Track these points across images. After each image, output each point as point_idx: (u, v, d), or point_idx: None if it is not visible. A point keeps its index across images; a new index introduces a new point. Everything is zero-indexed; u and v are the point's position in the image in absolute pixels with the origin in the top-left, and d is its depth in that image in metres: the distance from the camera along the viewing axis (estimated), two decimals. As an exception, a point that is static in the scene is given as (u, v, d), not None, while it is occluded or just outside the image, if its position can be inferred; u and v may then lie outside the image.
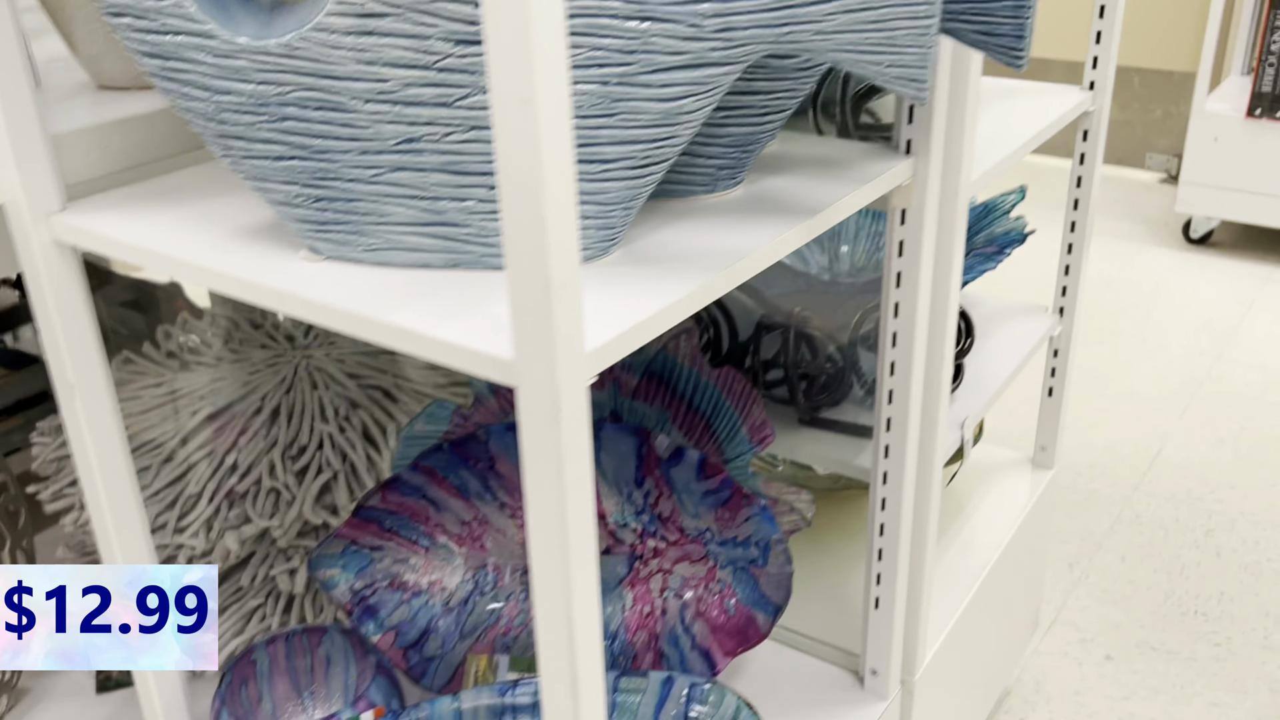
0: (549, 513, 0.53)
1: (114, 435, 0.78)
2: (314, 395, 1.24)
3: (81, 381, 0.75)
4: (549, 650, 0.56)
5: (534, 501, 0.53)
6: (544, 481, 0.52)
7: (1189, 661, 1.54)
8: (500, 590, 1.01)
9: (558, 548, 0.53)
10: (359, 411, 1.23)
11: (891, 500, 0.92)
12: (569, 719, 0.57)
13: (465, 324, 0.55)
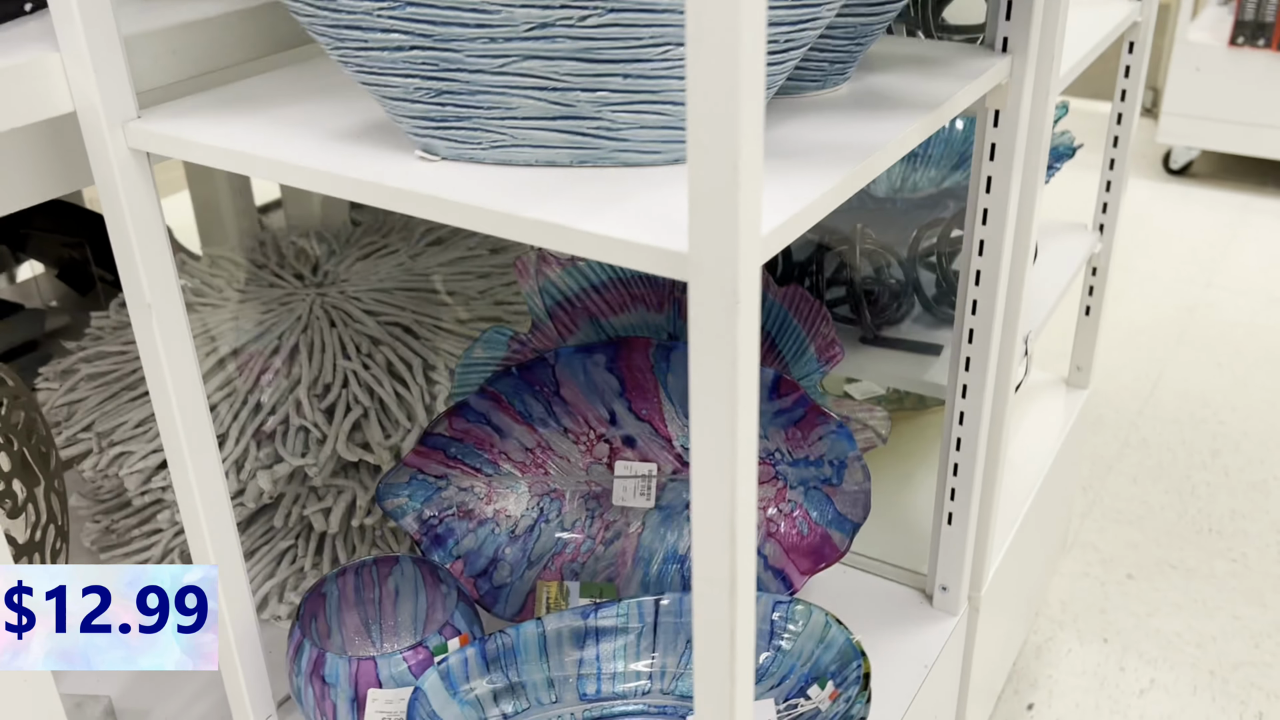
0: (721, 411, 0.50)
1: (190, 357, 0.74)
2: (333, 333, 1.20)
3: (159, 301, 0.71)
4: (709, 555, 0.54)
5: (703, 399, 0.51)
6: (717, 377, 0.50)
7: (1208, 578, 1.56)
8: (565, 517, 0.99)
9: (727, 447, 0.51)
10: (381, 348, 1.19)
11: (970, 414, 0.91)
12: (725, 630, 0.56)
13: (618, 218, 0.53)
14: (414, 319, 1.25)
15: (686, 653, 0.88)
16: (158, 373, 0.73)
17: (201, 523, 0.78)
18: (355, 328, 1.21)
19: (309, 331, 1.21)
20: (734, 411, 0.51)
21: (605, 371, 0.95)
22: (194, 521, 0.78)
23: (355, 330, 1.21)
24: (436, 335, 1.24)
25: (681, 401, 0.96)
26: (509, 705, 0.84)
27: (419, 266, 1.35)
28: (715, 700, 0.58)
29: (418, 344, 1.22)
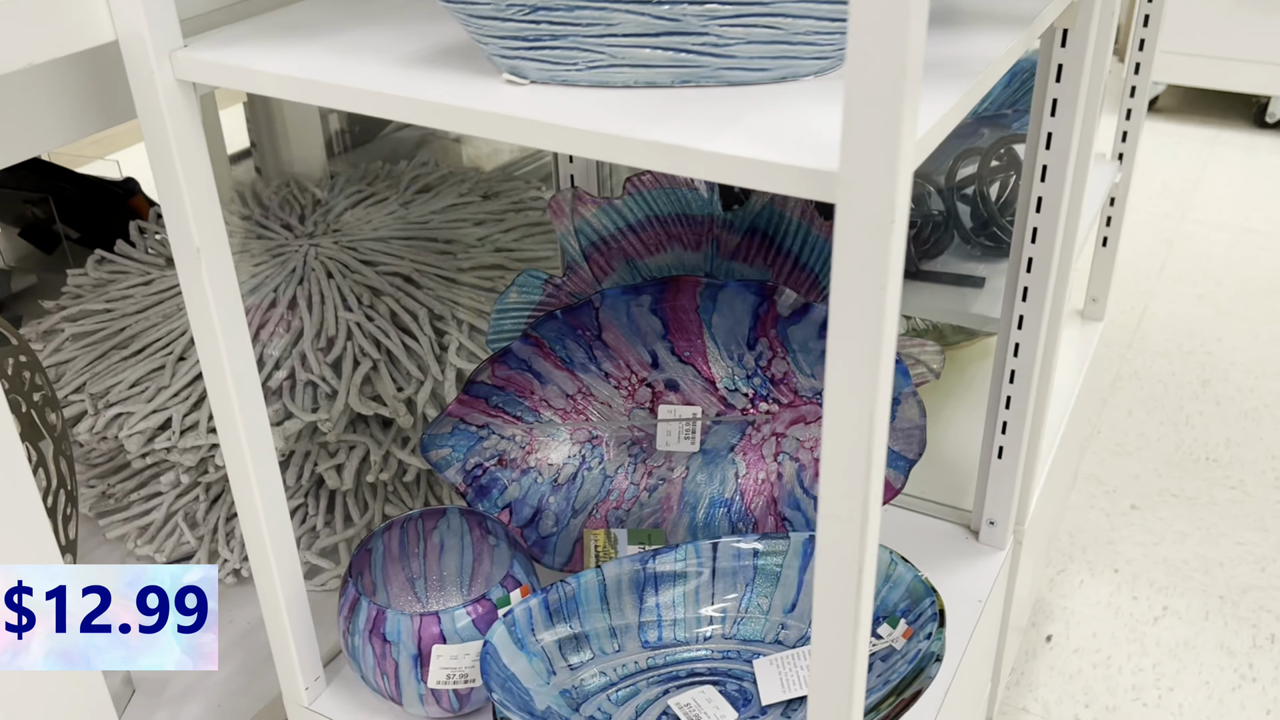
0: (865, 340, 0.48)
1: (238, 306, 0.70)
2: (331, 285, 1.16)
3: (208, 245, 0.67)
4: (839, 490, 0.52)
5: (846, 328, 0.48)
6: (864, 305, 0.48)
7: (1209, 505, 1.58)
8: (607, 464, 0.96)
9: (868, 378, 0.49)
10: (383, 299, 1.15)
11: (1026, 346, 0.89)
12: (853, 570, 0.54)
13: (742, 138, 0.49)
14: (414, 268, 1.21)
15: (748, 595, 0.86)
16: (206, 323, 0.69)
17: (251, 477, 0.75)
18: (354, 278, 1.17)
19: (305, 284, 1.16)
20: (879, 340, 0.48)
21: (649, 313, 0.92)
22: (243, 476, 0.75)
23: (354, 281, 1.17)
24: (439, 284, 1.20)
25: (726, 342, 0.94)
26: (574, 656, 0.81)
27: (412, 215, 1.31)
28: (837, 641, 0.56)
29: (421, 294, 1.18)
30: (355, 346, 1.10)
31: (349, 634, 0.80)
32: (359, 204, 1.32)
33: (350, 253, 1.20)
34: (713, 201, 0.93)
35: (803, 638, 0.85)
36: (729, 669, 0.84)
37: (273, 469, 0.77)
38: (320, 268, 1.18)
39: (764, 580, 0.87)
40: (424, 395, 1.09)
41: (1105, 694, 1.29)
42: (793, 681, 0.80)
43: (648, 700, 0.81)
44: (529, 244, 1.32)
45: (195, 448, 1.11)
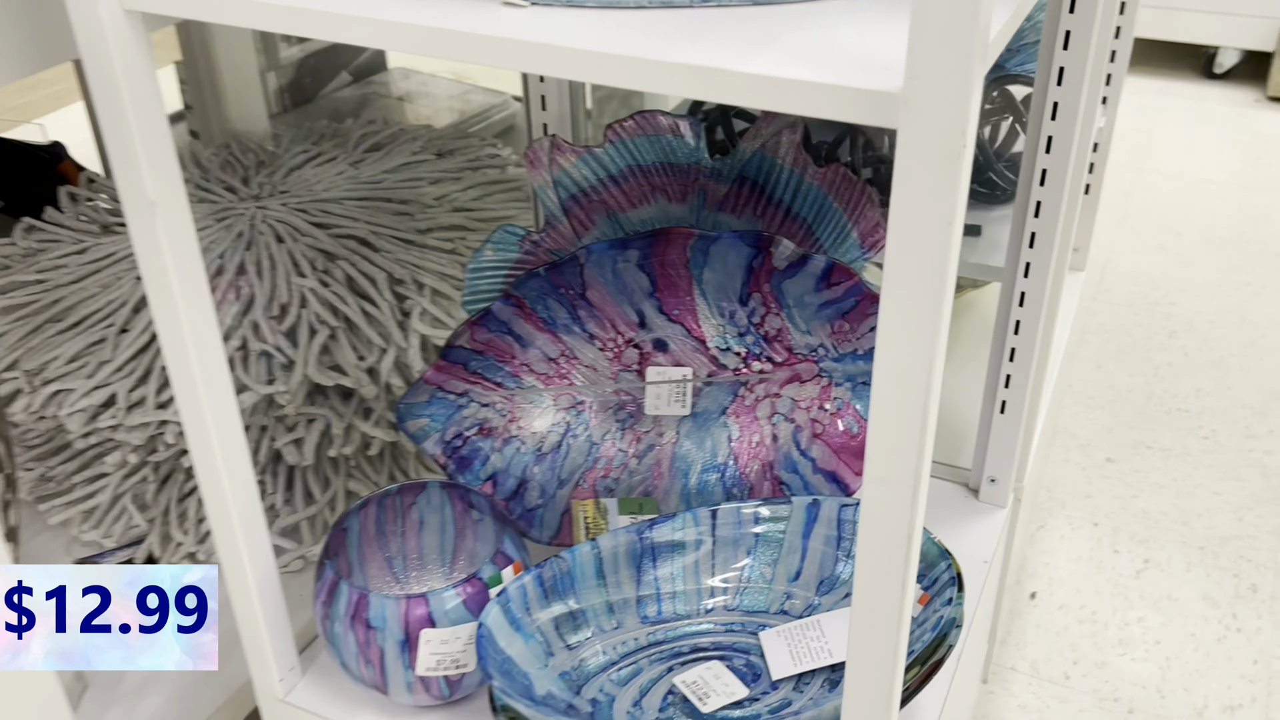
0: (928, 276, 0.43)
1: (198, 264, 0.64)
2: (281, 249, 1.09)
3: (164, 196, 0.60)
4: (890, 448, 0.47)
5: (906, 266, 0.43)
6: (927, 241, 0.43)
7: (1184, 456, 1.57)
8: (593, 431, 0.91)
9: (929, 323, 0.44)
10: (339, 263, 1.09)
11: (1032, 295, 0.85)
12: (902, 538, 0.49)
13: (781, 59, 0.44)
14: (369, 230, 1.14)
15: (749, 565, 0.82)
16: (162, 283, 0.62)
17: (216, 454, 0.68)
18: (306, 242, 1.10)
19: (254, 249, 1.09)
20: (943, 283, 0.43)
21: (636, 269, 0.86)
22: (207, 453, 0.68)
23: (307, 245, 1.10)
24: (397, 247, 1.13)
25: (717, 299, 0.89)
26: (572, 635, 0.77)
27: (364, 175, 1.24)
28: (881, 614, 0.52)
29: (378, 257, 1.11)
30: (311, 314, 1.04)
31: (328, 620, 0.74)
32: (306, 164, 1.25)
33: (300, 215, 1.13)
34: (699, 149, 0.88)
35: (809, 607, 0.80)
36: (734, 643, 0.79)
37: (239, 444, 0.71)
38: (269, 231, 1.11)
39: (766, 548, 0.82)
40: (387, 364, 1.03)
41: (1093, 650, 1.27)
42: (803, 654, 0.76)
43: (651, 679, 0.76)
44: (490, 202, 1.26)
45: (143, 425, 1.04)
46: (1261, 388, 1.71)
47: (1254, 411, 1.66)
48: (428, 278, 1.09)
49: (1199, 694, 1.22)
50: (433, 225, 1.18)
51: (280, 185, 1.19)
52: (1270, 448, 1.58)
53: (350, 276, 1.07)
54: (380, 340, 1.03)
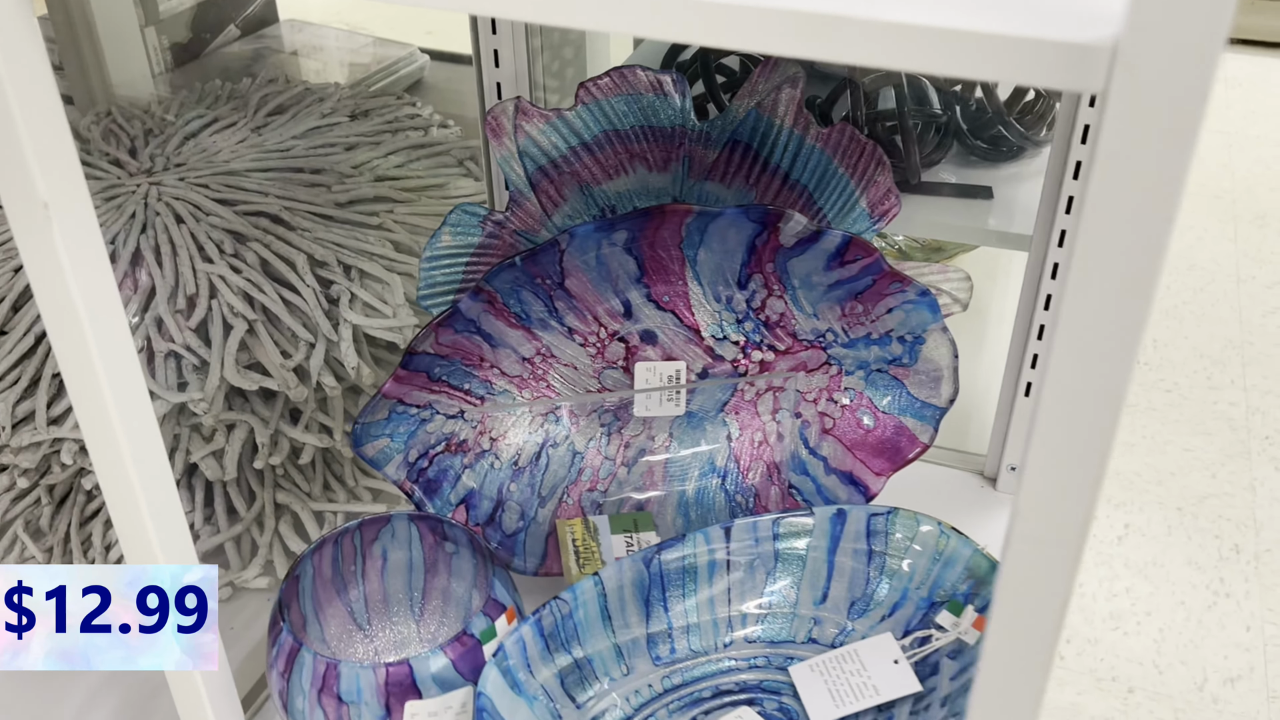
0: (1133, 272, 0.33)
1: (106, 272, 0.50)
2: (183, 231, 0.95)
3: (59, 197, 0.46)
4: (1051, 489, 0.37)
5: (1102, 255, 0.33)
6: (1136, 230, 0.32)
7: (1149, 412, 1.52)
8: (575, 438, 0.79)
9: (1128, 327, 0.34)
10: (250, 245, 0.95)
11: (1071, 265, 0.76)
12: (1055, 603, 0.39)
13: (937, 3, 0.33)
14: (281, 206, 1.00)
15: (769, 588, 0.72)
16: (61, 300, 0.49)
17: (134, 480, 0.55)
18: (211, 222, 0.96)
19: (150, 232, 0.95)
20: (1149, 281, 0.33)
21: (623, 253, 0.75)
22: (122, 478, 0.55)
23: (212, 225, 0.96)
24: (314, 223, 1.00)
25: (713, 282, 0.77)
26: (579, 691, 0.65)
27: (270, 142, 1.09)
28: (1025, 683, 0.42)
29: (295, 236, 0.97)
30: (223, 305, 0.90)
31: (287, 693, 0.62)
32: (202, 132, 1.09)
33: (201, 191, 0.99)
34: (685, 110, 0.76)
35: (841, 632, 0.71)
36: (760, 681, 0.69)
37: (166, 479, 0.57)
38: (167, 211, 0.96)
39: (788, 568, 0.72)
40: (317, 361, 0.90)
41: (1084, 626, 1.21)
42: (844, 692, 0.66)
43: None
44: (416, 170, 1.12)
45: (34, 445, 0.89)
46: (1216, 335, 1.67)
47: (1213, 361, 1.62)
48: (354, 258, 0.96)
49: (1197, 667, 1.17)
50: (353, 197, 1.05)
51: (175, 157, 1.04)
52: (1233, 399, 1.54)
53: (265, 260, 0.94)
54: (306, 333, 0.90)
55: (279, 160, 1.07)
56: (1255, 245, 1.88)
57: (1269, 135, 2.17)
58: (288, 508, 0.95)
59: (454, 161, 1.18)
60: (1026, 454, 0.37)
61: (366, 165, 1.10)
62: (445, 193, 1.13)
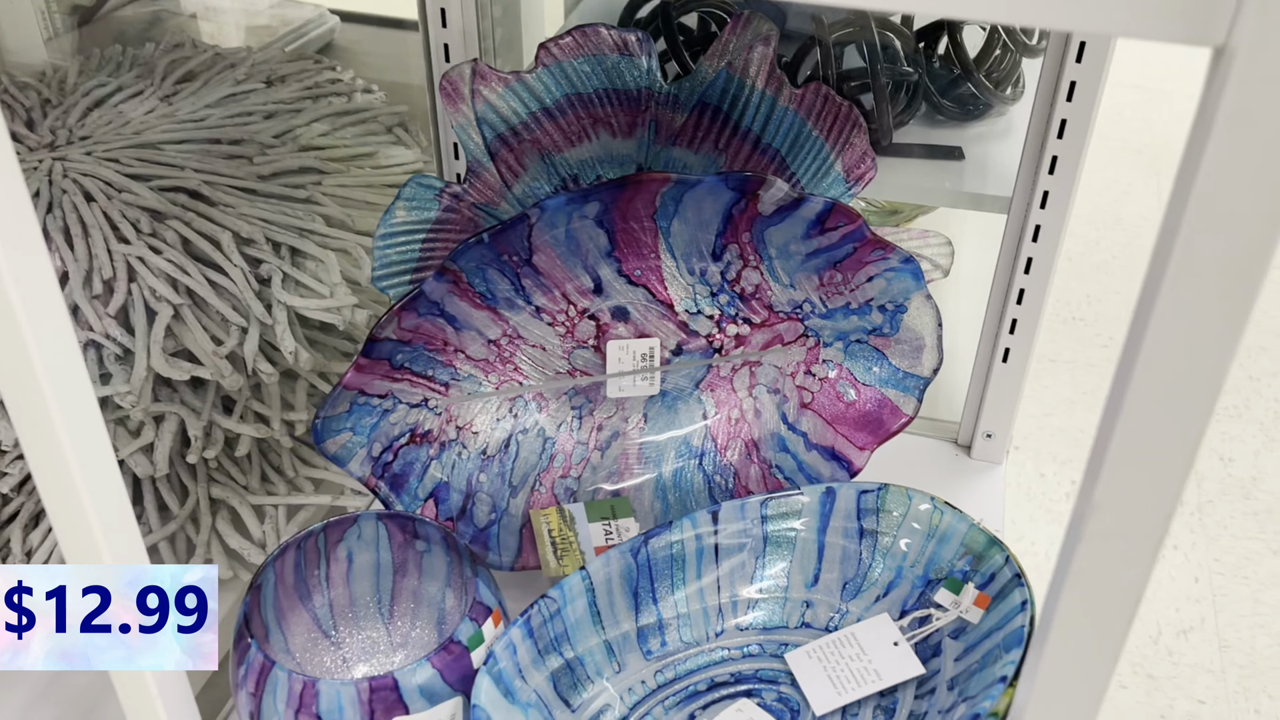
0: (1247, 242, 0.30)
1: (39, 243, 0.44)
2: (94, 209, 0.88)
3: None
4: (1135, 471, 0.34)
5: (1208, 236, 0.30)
6: (1257, 202, 0.29)
7: (1088, 368, 1.54)
8: (545, 422, 0.75)
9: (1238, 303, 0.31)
10: (169, 223, 0.89)
11: (1049, 229, 0.74)
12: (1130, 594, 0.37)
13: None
14: (200, 180, 0.94)
15: (760, 572, 0.69)
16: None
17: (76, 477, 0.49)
18: (124, 199, 0.89)
19: (58, 211, 0.88)
20: (1264, 257, 0.30)
21: (594, 225, 0.70)
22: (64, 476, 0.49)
23: (125, 202, 0.89)
24: (237, 198, 0.94)
25: (686, 254, 0.74)
26: (573, 693, 0.62)
27: (182, 112, 1.02)
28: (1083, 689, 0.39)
29: (217, 212, 0.91)
30: (144, 289, 0.84)
31: (259, 714, 0.57)
32: (106, 102, 1.01)
33: (111, 166, 0.92)
34: (651, 71, 0.72)
35: (835, 615, 0.68)
36: (756, 670, 0.66)
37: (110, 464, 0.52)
38: (74, 188, 0.89)
39: (777, 551, 0.69)
40: (251, 346, 0.84)
41: (1040, 586, 1.21)
42: (845, 678, 0.64)
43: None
44: (342, 138, 1.06)
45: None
46: (1146, 289, 1.69)
47: (1145, 315, 1.64)
48: (283, 234, 0.90)
49: (1150, 620, 1.18)
50: (277, 169, 0.98)
51: (79, 129, 0.96)
52: (1167, 352, 1.57)
53: (186, 239, 0.87)
54: (237, 316, 0.84)
55: (194, 131, 1.00)
56: (1177, 199, 1.91)
57: (1183, 89, 2.20)
58: (224, 502, 0.90)
59: (382, 129, 1.12)
60: (1106, 452, 0.34)
61: (289, 135, 1.04)
62: (376, 162, 1.07)
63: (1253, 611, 1.19)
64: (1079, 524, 0.36)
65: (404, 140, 1.09)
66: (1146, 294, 0.32)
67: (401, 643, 0.69)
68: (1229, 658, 1.14)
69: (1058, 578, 0.39)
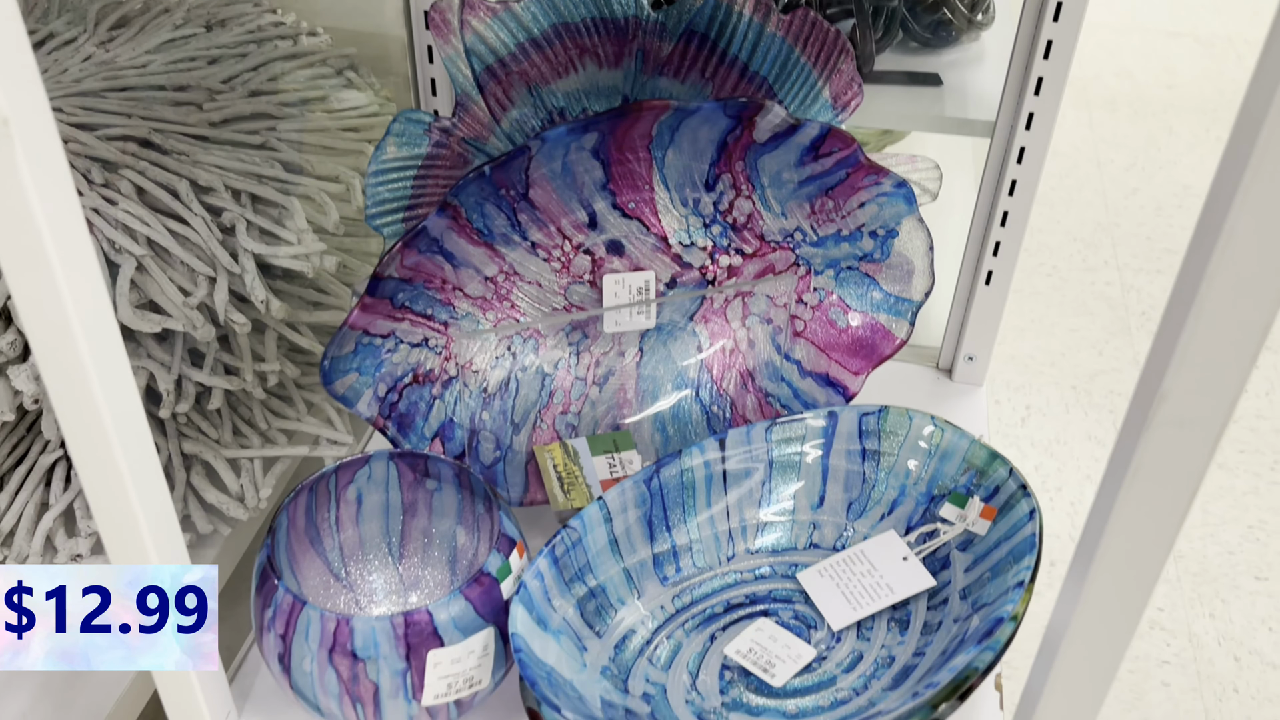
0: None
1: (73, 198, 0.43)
2: None
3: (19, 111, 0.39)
4: (1203, 369, 0.36)
5: None
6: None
7: (1033, 296, 1.57)
8: (543, 359, 0.75)
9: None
10: (123, 173, 0.86)
11: (1034, 150, 0.76)
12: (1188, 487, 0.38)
13: None
14: (150, 128, 0.91)
15: (767, 496, 0.70)
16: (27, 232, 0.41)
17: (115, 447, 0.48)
18: (72, 149, 0.86)
19: None
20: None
21: (590, 157, 0.70)
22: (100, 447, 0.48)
23: (73, 153, 0.86)
24: (190, 146, 0.91)
25: (680, 185, 0.74)
26: (598, 620, 0.62)
27: (122, 59, 0.99)
28: (1131, 587, 0.41)
29: (171, 160, 0.88)
30: (102, 241, 0.81)
31: (289, 656, 0.56)
32: (38, 50, 0.97)
33: (55, 115, 0.88)
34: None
35: (841, 534, 0.70)
36: (770, 591, 0.67)
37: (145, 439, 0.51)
38: (23, 141, 0.85)
39: (783, 475, 0.70)
40: (221, 295, 0.82)
41: (1003, 506, 1.25)
42: (859, 595, 0.65)
43: (696, 654, 0.63)
44: (292, 82, 1.03)
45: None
46: (1085, 219, 1.74)
47: (1085, 244, 1.68)
48: (242, 181, 0.88)
49: (1108, 535, 1.23)
50: (228, 115, 0.95)
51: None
52: (1109, 278, 1.61)
53: (140, 188, 0.84)
54: (204, 266, 0.82)
55: (137, 78, 0.96)
56: (1110, 130, 1.95)
57: (1108, 21, 2.25)
58: (197, 458, 0.88)
59: (332, 72, 1.09)
60: (1177, 340, 0.36)
61: (237, 80, 1.01)
62: (328, 106, 1.05)
63: (1203, 523, 1.24)
64: (1143, 413, 0.37)
65: (356, 83, 1.07)
66: (1221, 189, 0.33)
67: (414, 583, 0.69)
68: (1183, 566, 1.19)
69: (1114, 468, 0.40)
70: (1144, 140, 1.91)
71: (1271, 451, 1.33)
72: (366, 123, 1.00)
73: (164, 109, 0.94)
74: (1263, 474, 1.30)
